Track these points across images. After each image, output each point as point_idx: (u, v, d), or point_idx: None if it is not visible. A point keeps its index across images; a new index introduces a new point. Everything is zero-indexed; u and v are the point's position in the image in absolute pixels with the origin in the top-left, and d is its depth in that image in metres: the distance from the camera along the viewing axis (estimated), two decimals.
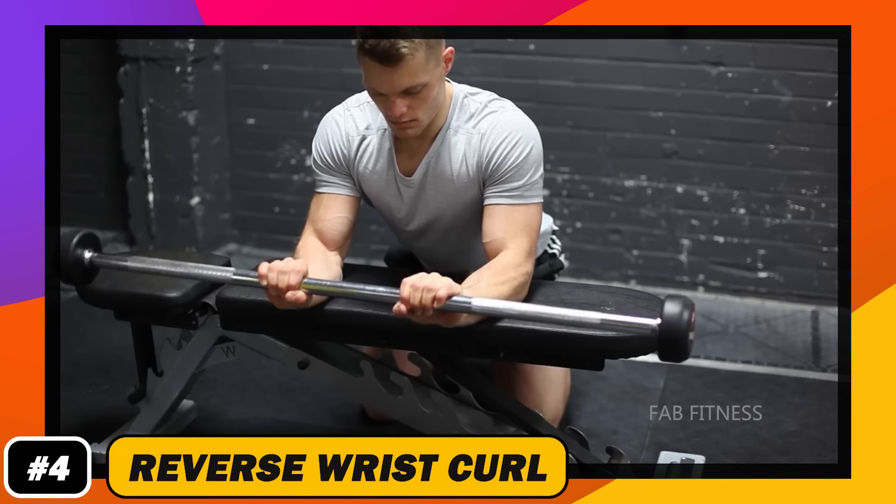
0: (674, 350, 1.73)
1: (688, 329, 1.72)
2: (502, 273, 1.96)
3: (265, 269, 1.90)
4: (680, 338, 1.72)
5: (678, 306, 1.72)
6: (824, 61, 3.08)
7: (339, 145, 2.13)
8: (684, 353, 1.74)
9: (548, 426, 2.12)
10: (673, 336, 1.71)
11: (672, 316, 1.71)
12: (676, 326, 1.71)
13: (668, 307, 1.72)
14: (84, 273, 2.09)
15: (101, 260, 2.09)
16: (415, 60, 1.88)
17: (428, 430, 2.12)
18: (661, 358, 1.77)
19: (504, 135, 2.04)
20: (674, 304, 1.72)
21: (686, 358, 1.75)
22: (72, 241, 2.06)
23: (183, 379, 2.31)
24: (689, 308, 1.73)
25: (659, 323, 1.74)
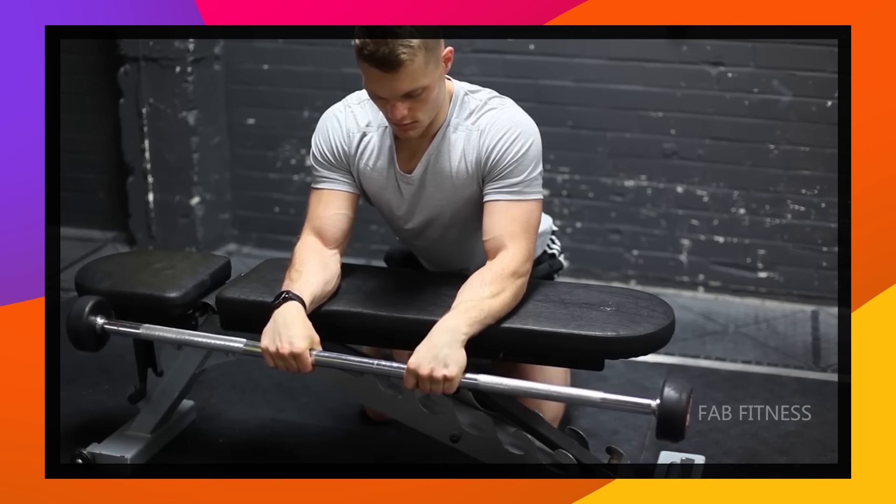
0: (671, 431, 1.78)
1: (685, 412, 1.77)
2: (501, 280, 1.97)
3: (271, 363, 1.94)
4: (677, 421, 1.77)
5: (677, 391, 1.77)
6: (824, 61, 3.08)
7: (340, 141, 2.13)
8: (680, 435, 1.79)
9: (548, 426, 2.12)
10: (670, 418, 1.77)
11: (671, 399, 1.77)
12: (674, 409, 1.77)
13: (668, 391, 1.78)
14: (97, 340, 2.12)
15: (112, 327, 2.12)
16: (414, 65, 1.88)
17: (428, 430, 2.13)
18: (658, 437, 1.81)
19: (503, 130, 2.04)
20: (673, 388, 1.78)
21: (682, 439, 1.80)
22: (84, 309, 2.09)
23: (183, 379, 2.31)
24: (686, 392, 1.78)
25: (658, 404, 1.78)
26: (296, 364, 1.92)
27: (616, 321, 1.98)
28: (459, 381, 1.86)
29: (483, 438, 2.08)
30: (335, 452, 2.43)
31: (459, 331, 1.87)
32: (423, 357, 1.85)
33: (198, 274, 2.27)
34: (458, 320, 1.89)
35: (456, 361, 1.84)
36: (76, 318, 2.08)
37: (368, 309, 2.05)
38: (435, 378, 1.84)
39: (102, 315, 2.12)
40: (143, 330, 2.10)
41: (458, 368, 1.85)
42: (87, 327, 2.09)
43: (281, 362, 1.92)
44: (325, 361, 1.94)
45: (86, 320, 2.09)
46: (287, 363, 1.92)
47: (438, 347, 1.85)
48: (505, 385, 1.89)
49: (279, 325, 1.92)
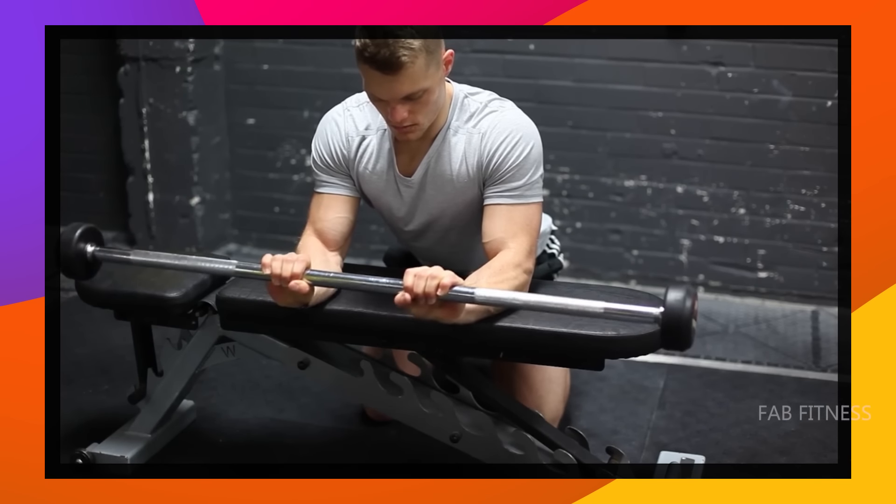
0: (677, 338, 1.73)
1: (691, 316, 1.72)
2: (502, 272, 1.97)
3: (269, 259, 1.91)
4: (683, 325, 1.72)
5: (681, 294, 1.72)
6: (824, 61, 3.08)
7: (339, 146, 2.13)
8: (688, 341, 1.73)
9: (548, 426, 2.12)
10: (676, 324, 1.72)
11: (675, 304, 1.72)
12: (679, 314, 1.71)
13: (671, 295, 1.73)
14: (86, 267, 2.07)
15: (103, 253, 2.07)
16: (415, 67, 1.88)
17: (428, 430, 2.13)
18: (664, 346, 1.77)
19: (504, 134, 2.04)
20: (676, 291, 1.73)
21: (689, 345, 1.75)
22: (74, 234, 2.04)
23: (183, 379, 2.31)
24: (691, 296, 1.73)
25: (662, 311, 1.74)
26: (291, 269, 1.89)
27: (616, 321, 1.98)
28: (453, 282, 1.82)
29: (483, 438, 2.08)
30: (335, 452, 2.43)
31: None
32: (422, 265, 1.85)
33: (198, 274, 2.26)
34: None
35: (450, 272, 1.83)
36: (65, 244, 2.03)
37: (369, 309, 2.05)
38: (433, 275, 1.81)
39: (93, 242, 2.07)
40: (133, 255, 2.06)
41: (452, 273, 1.83)
42: (76, 253, 2.04)
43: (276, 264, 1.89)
44: (319, 279, 1.93)
45: (75, 247, 2.04)
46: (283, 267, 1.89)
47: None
48: (503, 297, 1.85)
49: None
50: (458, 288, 1.83)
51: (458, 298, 1.83)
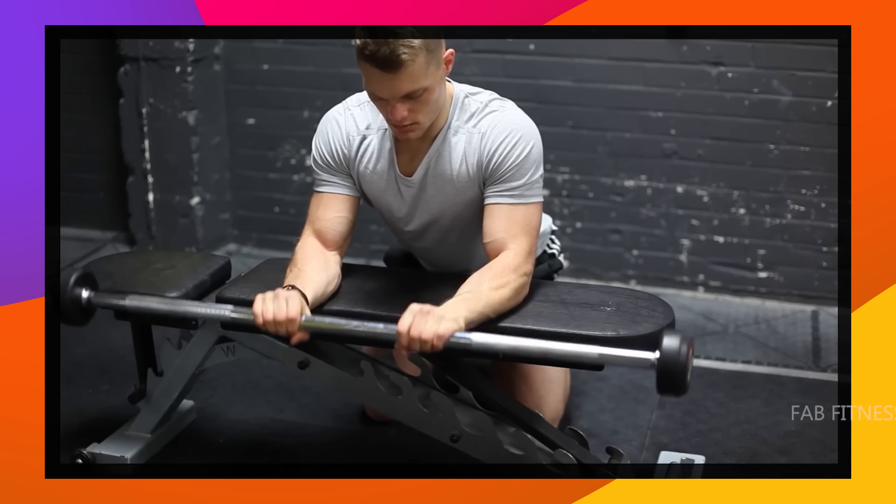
0: (672, 384, 1.74)
1: (686, 363, 1.73)
2: (502, 275, 1.97)
3: (261, 321, 1.90)
4: (679, 372, 1.73)
5: (677, 341, 1.73)
6: (824, 61, 3.08)
7: (340, 145, 2.13)
8: (682, 388, 1.75)
9: (548, 426, 2.12)
10: (671, 370, 1.73)
11: (671, 350, 1.73)
12: (675, 361, 1.72)
13: (667, 342, 1.73)
14: (82, 313, 2.08)
15: (98, 299, 2.08)
16: (415, 66, 1.88)
17: (428, 430, 2.12)
18: (659, 391, 1.78)
19: (504, 134, 2.04)
20: (672, 338, 1.74)
21: (684, 392, 1.76)
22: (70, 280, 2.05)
23: (183, 379, 2.31)
24: (687, 342, 1.74)
25: (658, 357, 1.74)
26: (286, 325, 1.88)
27: (616, 321, 1.98)
28: (450, 335, 1.82)
29: (483, 438, 2.08)
30: (335, 452, 2.43)
31: (458, 311, 1.86)
32: (415, 310, 1.84)
33: (198, 274, 2.27)
34: (458, 304, 1.89)
35: (451, 316, 1.83)
36: (61, 291, 2.04)
37: (368, 309, 2.05)
38: (424, 336, 1.81)
39: (88, 287, 2.08)
40: (129, 301, 2.07)
41: (452, 322, 1.82)
42: (72, 300, 2.05)
43: (270, 323, 1.89)
44: (315, 326, 1.92)
45: (71, 293, 2.05)
46: (277, 325, 1.89)
47: (430, 310, 1.84)
48: (500, 344, 1.85)
49: (273, 293, 1.92)
50: (456, 336, 1.83)
51: (454, 346, 1.84)
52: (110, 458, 2.29)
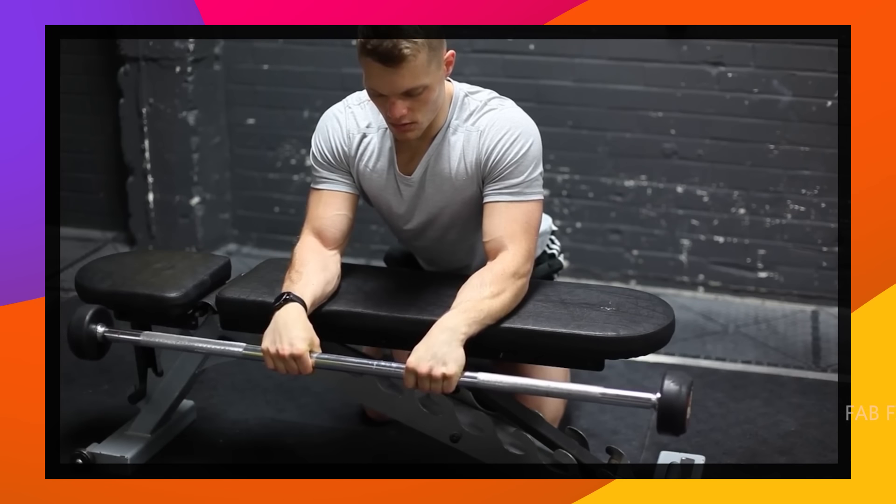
0: (672, 424, 1.78)
1: (686, 405, 1.77)
2: (501, 281, 1.96)
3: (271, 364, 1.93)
4: (678, 414, 1.77)
5: (677, 384, 1.78)
6: (824, 61, 3.08)
7: (341, 142, 2.13)
8: (681, 429, 1.79)
9: (548, 426, 2.12)
10: (671, 412, 1.77)
11: (671, 392, 1.77)
12: (675, 402, 1.77)
13: (668, 384, 1.78)
14: (98, 349, 2.13)
15: (112, 335, 2.12)
16: (416, 62, 1.88)
17: (428, 430, 2.12)
18: (659, 431, 1.82)
19: (503, 131, 2.03)
20: (673, 381, 1.78)
21: (683, 432, 1.81)
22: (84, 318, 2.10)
23: (183, 379, 2.31)
24: (687, 385, 1.78)
25: (658, 397, 1.78)
26: (296, 366, 1.91)
27: (616, 321, 1.98)
28: (458, 379, 1.85)
29: (483, 438, 2.08)
30: (335, 452, 2.43)
31: (458, 330, 1.87)
32: (421, 356, 1.85)
33: (198, 274, 2.26)
34: (458, 319, 1.89)
35: (455, 360, 1.84)
36: (76, 327, 2.09)
37: (368, 309, 2.05)
38: (434, 377, 1.84)
39: (103, 323, 2.12)
40: (144, 337, 2.11)
41: (457, 367, 1.85)
42: (87, 336, 2.09)
43: (281, 364, 1.92)
44: (326, 364, 1.94)
45: (86, 329, 2.09)
46: (287, 365, 1.92)
47: (437, 346, 1.85)
48: (504, 383, 1.89)
49: (280, 326, 1.92)
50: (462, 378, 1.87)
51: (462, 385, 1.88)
52: (110, 458, 2.29)
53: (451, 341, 1.85)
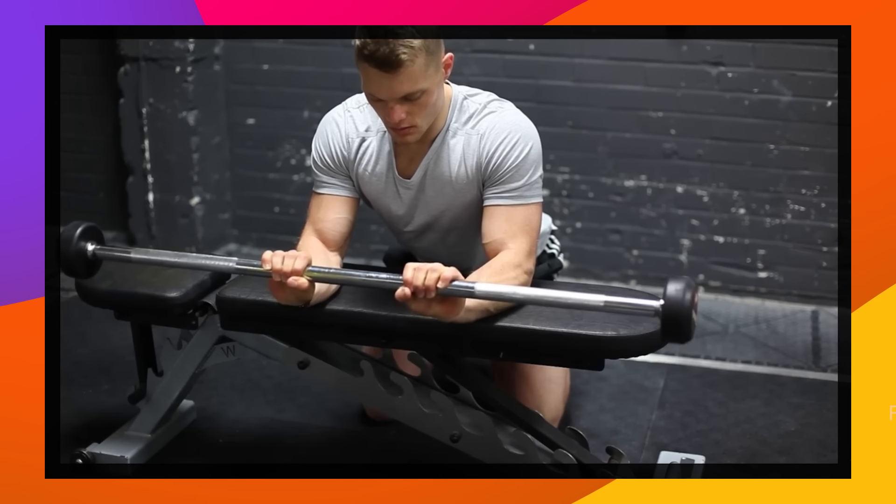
0: (677, 330, 1.72)
1: (691, 308, 1.72)
2: (502, 272, 1.97)
3: (269, 255, 1.89)
4: (683, 317, 1.71)
5: (680, 286, 1.72)
6: (824, 61, 3.08)
7: (339, 146, 2.13)
8: (688, 333, 1.73)
9: (548, 426, 2.12)
10: (676, 316, 1.71)
11: (675, 296, 1.72)
12: (679, 306, 1.71)
13: (671, 287, 1.72)
14: (87, 265, 2.06)
15: (104, 252, 2.06)
16: (414, 66, 1.88)
17: (428, 430, 2.12)
18: (664, 338, 1.76)
19: (503, 135, 2.03)
20: (676, 284, 1.73)
21: (690, 338, 1.74)
22: (74, 232, 2.03)
23: (183, 379, 2.31)
24: (691, 288, 1.73)
25: (662, 304, 1.74)
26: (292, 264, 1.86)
27: (616, 321, 1.98)
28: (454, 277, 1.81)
29: (483, 438, 2.08)
30: (335, 452, 2.43)
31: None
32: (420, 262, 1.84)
33: (198, 274, 2.26)
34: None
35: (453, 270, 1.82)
36: (66, 243, 2.02)
37: (368, 309, 2.05)
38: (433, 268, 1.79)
39: (93, 241, 2.06)
40: (134, 254, 2.05)
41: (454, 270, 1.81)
42: (77, 252, 2.03)
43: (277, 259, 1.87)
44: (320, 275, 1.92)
45: (76, 245, 2.03)
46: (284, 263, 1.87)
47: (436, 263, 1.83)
48: (502, 291, 1.84)
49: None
50: (458, 283, 1.82)
51: (458, 293, 1.82)
52: (110, 458, 2.29)
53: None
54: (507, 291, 1.85)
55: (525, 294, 1.86)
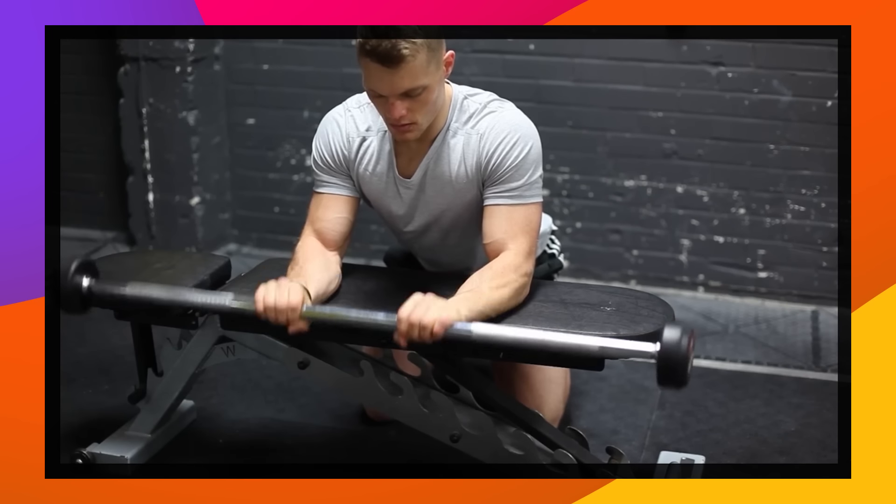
0: (673, 376, 1.74)
1: (687, 355, 1.73)
2: (503, 275, 1.97)
3: (261, 308, 1.90)
4: (679, 364, 1.73)
5: (677, 333, 1.73)
6: (824, 61, 3.08)
7: (340, 146, 2.13)
8: (683, 380, 1.75)
9: (548, 426, 2.12)
10: (672, 362, 1.73)
11: (671, 342, 1.73)
12: (675, 353, 1.72)
13: (668, 333, 1.74)
14: (82, 301, 2.05)
15: (99, 287, 2.05)
16: (416, 62, 1.88)
17: (428, 430, 2.12)
18: (659, 383, 1.78)
19: (503, 135, 2.03)
20: (673, 330, 1.74)
21: (685, 384, 1.76)
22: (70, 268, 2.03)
23: (183, 379, 2.31)
24: (687, 335, 1.74)
25: (658, 349, 1.74)
26: (287, 313, 1.88)
27: (616, 321, 1.98)
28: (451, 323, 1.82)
29: (483, 438, 2.08)
30: (335, 452, 2.43)
31: (458, 307, 1.86)
32: (417, 300, 1.84)
33: (198, 274, 2.27)
34: (457, 301, 1.89)
35: (450, 309, 1.82)
36: (61, 279, 2.01)
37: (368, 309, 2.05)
38: (425, 322, 1.80)
39: (89, 276, 2.06)
40: (129, 290, 2.04)
41: (452, 311, 1.82)
42: (72, 289, 2.02)
43: (272, 311, 1.89)
44: (316, 315, 1.92)
45: (71, 281, 2.02)
46: (277, 313, 1.88)
47: (431, 300, 1.84)
48: (499, 334, 1.85)
49: (277, 282, 1.92)
50: (456, 326, 1.83)
51: (454, 336, 1.84)
52: (110, 458, 2.29)
53: (446, 306, 1.85)
54: (506, 333, 1.85)
55: (522, 337, 1.86)
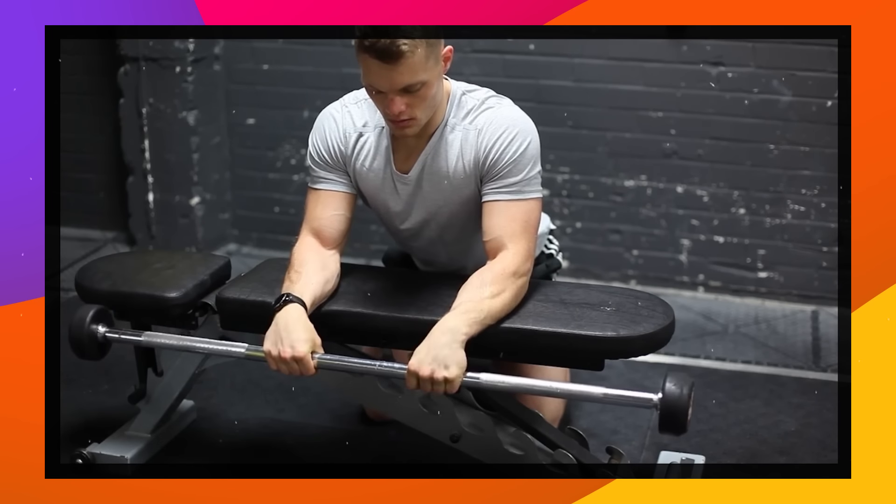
0: (674, 425, 1.79)
1: (688, 405, 1.78)
2: (501, 280, 1.97)
3: (274, 366, 1.94)
4: (680, 414, 1.78)
5: (678, 385, 1.78)
6: (824, 61, 3.08)
7: (337, 142, 2.13)
8: (683, 429, 1.80)
9: (548, 426, 2.12)
10: (673, 412, 1.78)
11: (672, 393, 1.78)
12: (677, 402, 1.77)
13: (669, 385, 1.78)
14: (99, 349, 2.12)
15: (113, 335, 2.12)
16: (414, 58, 1.88)
17: (428, 430, 2.12)
18: (660, 430, 1.82)
19: (501, 130, 2.03)
20: (674, 381, 1.79)
21: (685, 431, 1.81)
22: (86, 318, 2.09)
23: (183, 379, 2.31)
24: (688, 385, 1.79)
25: (660, 398, 1.79)
26: (298, 367, 1.92)
27: (616, 321, 1.98)
28: (460, 381, 1.86)
29: (483, 438, 2.08)
30: (335, 452, 2.43)
31: (459, 331, 1.87)
32: (423, 358, 1.85)
33: (198, 274, 2.27)
34: (458, 320, 1.89)
35: (456, 362, 1.84)
36: (77, 327, 2.09)
37: (368, 309, 2.05)
38: (436, 379, 1.84)
39: (104, 323, 2.12)
40: (145, 337, 2.11)
41: (459, 369, 1.85)
42: (88, 336, 2.09)
43: (284, 366, 1.92)
44: (328, 364, 1.94)
45: (87, 329, 2.09)
46: (290, 367, 1.92)
47: (438, 348, 1.85)
48: (506, 383, 1.89)
49: (281, 328, 1.92)
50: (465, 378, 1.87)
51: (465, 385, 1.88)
52: (110, 458, 2.29)
53: (452, 343, 1.85)
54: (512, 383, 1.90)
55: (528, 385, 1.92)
